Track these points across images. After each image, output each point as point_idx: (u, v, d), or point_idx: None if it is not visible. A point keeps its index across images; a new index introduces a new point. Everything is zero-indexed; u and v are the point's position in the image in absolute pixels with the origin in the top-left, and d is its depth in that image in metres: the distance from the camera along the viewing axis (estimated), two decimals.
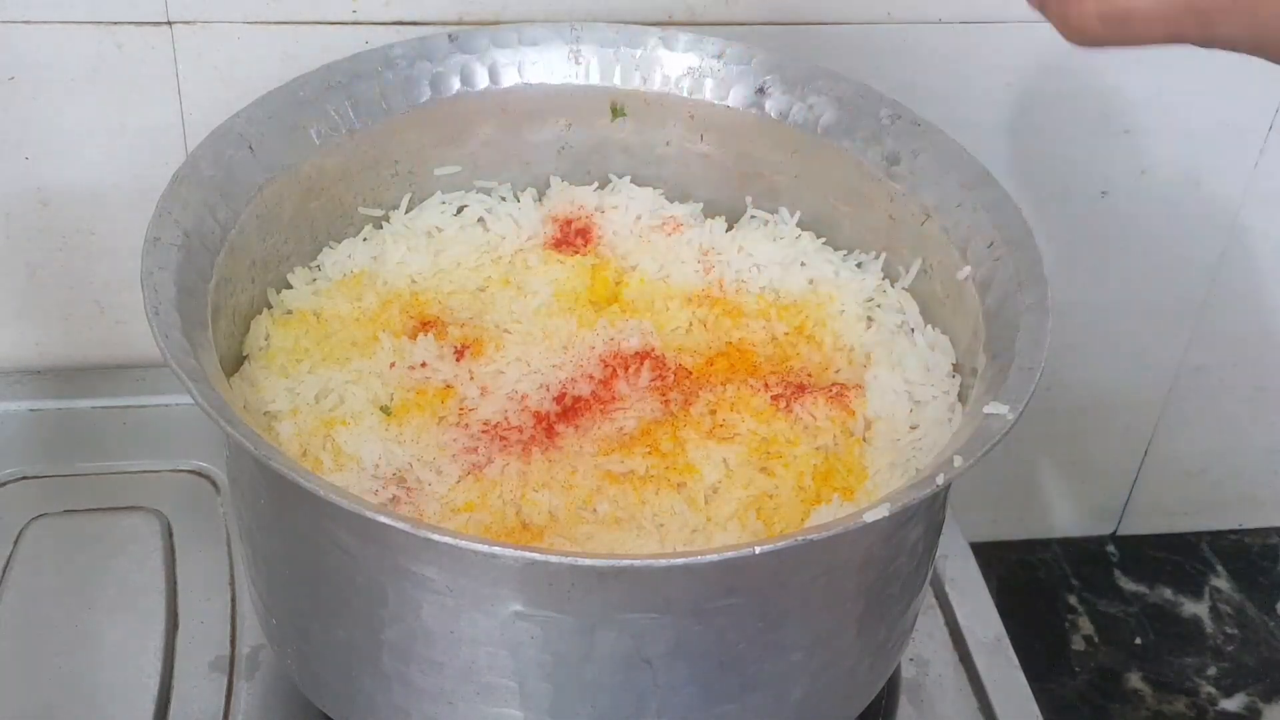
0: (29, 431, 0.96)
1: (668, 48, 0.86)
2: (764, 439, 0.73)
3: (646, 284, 0.83)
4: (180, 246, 0.69)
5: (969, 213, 0.77)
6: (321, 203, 0.82)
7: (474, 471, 0.70)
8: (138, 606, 0.83)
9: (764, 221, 0.87)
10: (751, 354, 0.79)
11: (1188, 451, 1.28)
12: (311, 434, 0.72)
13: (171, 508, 0.90)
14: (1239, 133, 1.07)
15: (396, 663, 0.66)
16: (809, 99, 0.84)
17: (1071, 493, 1.30)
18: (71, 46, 0.89)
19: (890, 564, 0.68)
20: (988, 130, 1.01)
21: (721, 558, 0.58)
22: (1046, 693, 1.16)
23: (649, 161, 0.89)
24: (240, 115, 0.77)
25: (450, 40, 0.84)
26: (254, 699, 0.79)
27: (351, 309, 0.79)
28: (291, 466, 0.59)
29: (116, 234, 0.97)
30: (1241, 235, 1.13)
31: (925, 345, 0.78)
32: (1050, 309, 0.70)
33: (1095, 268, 1.13)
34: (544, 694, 0.64)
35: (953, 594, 0.90)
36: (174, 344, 0.63)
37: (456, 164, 0.87)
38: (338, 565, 0.65)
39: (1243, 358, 1.22)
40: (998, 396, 0.66)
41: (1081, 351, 1.18)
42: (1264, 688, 1.20)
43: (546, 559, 0.58)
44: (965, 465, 0.62)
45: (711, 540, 0.68)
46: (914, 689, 0.85)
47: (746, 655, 0.65)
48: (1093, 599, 1.27)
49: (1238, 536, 1.34)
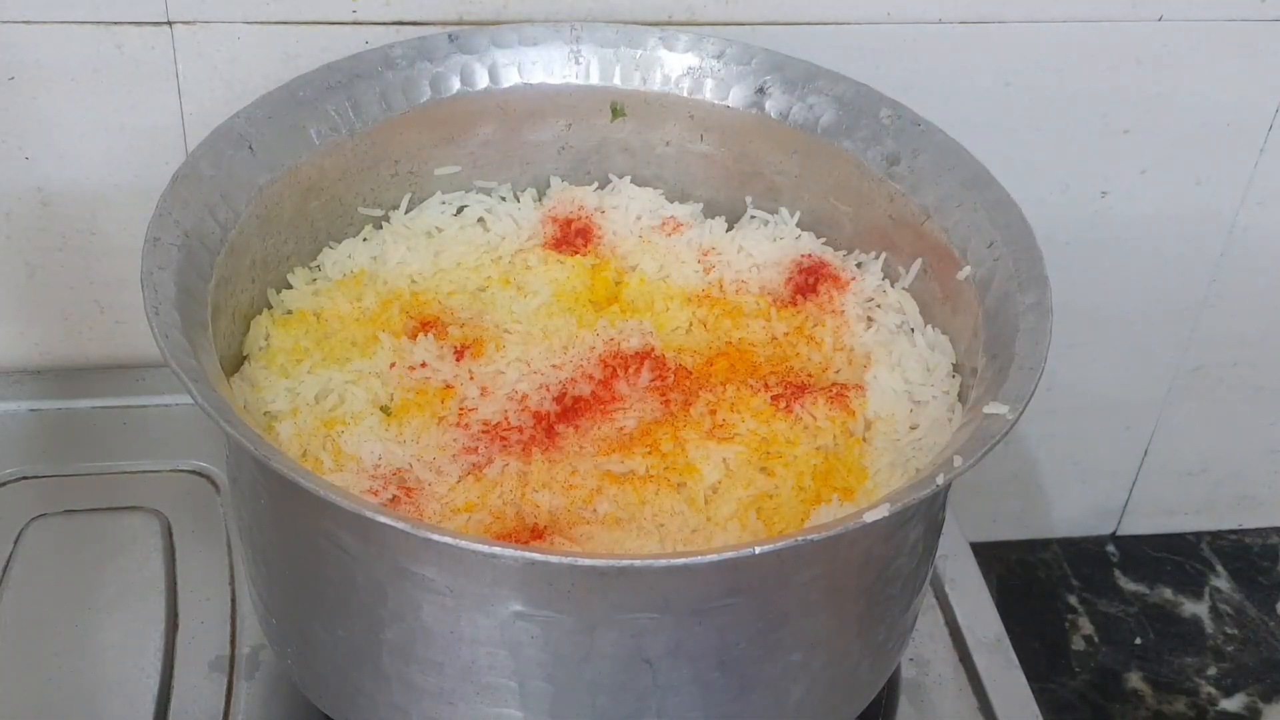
0: (29, 431, 0.96)
1: (668, 48, 0.86)
2: (764, 439, 0.73)
3: (646, 284, 0.83)
4: (180, 246, 0.70)
5: (969, 213, 0.77)
6: (321, 203, 0.82)
7: (474, 471, 0.71)
8: (138, 606, 0.83)
9: (764, 222, 0.87)
10: (751, 354, 0.79)
11: (1188, 451, 1.28)
12: (311, 434, 0.72)
13: (171, 508, 0.90)
14: (1239, 133, 1.07)
15: (396, 663, 0.66)
16: (809, 99, 0.84)
17: (1071, 492, 1.30)
18: (72, 46, 0.89)
19: (890, 564, 0.68)
20: (988, 130, 1.01)
21: (721, 558, 0.58)
22: (1046, 693, 1.17)
23: (649, 162, 0.89)
24: (240, 115, 0.77)
25: (450, 40, 0.84)
26: (254, 699, 0.79)
27: (351, 309, 0.79)
28: (291, 466, 0.59)
29: (117, 234, 0.97)
30: (1241, 235, 1.13)
31: (925, 345, 0.78)
32: (1050, 309, 0.70)
33: (1095, 268, 1.13)
34: (544, 694, 0.64)
35: (953, 594, 0.90)
36: (174, 344, 0.63)
37: (456, 164, 0.87)
38: (338, 565, 0.65)
39: (1242, 357, 1.22)
40: (997, 396, 0.66)
41: (1081, 351, 1.18)
42: (1264, 688, 1.20)
43: (546, 559, 0.58)
44: (965, 465, 0.62)
45: (711, 540, 0.68)
46: (914, 689, 0.85)
47: (746, 655, 0.65)
48: (1093, 599, 1.27)
49: (1238, 536, 1.34)
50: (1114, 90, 1.03)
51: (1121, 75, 1.02)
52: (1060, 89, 1.02)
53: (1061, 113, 1.04)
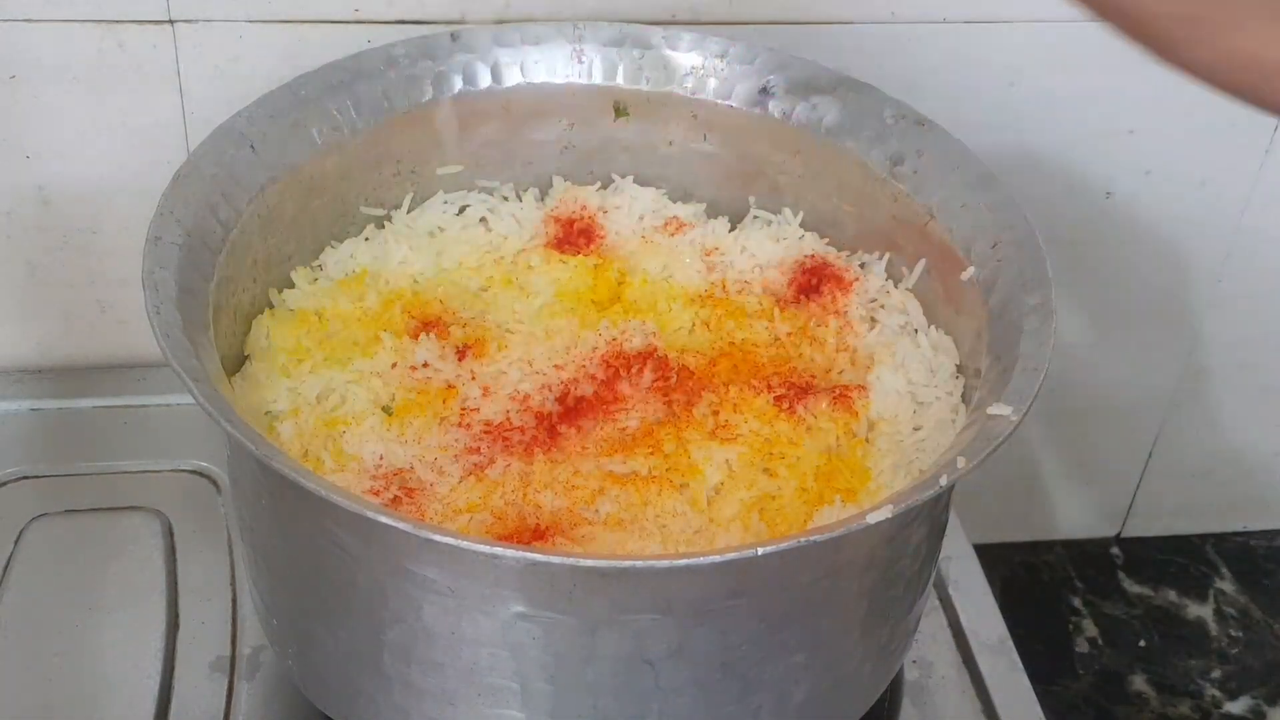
0: (30, 431, 0.96)
1: (671, 47, 0.86)
2: (767, 440, 0.73)
3: (649, 284, 0.83)
4: (181, 245, 0.69)
5: (973, 213, 0.77)
6: (323, 202, 0.82)
7: (475, 472, 0.70)
8: (138, 607, 0.83)
9: (767, 222, 0.87)
10: (754, 355, 0.79)
11: (1192, 453, 1.28)
12: (313, 434, 0.72)
13: (172, 508, 0.90)
14: (1244, 133, 1.07)
15: (398, 663, 0.65)
16: (812, 99, 0.84)
17: (1076, 494, 1.29)
18: (73, 45, 0.89)
19: (893, 565, 0.68)
20: (992, 130, 1.01)
21: (724, 559, 0.58)
22: (1050, 695, 1.16)
23: (652, 161, 0.89)
24: (242, 114, 0.77)
25: (453, 39, 0.84)
26: (255, 699, 0.79)
27: (353, 309, 0.79)
28: (293, 467, 0.59)
29: (118, 233, 0.97)
30: (1246, 236, 1.13)
31: (929, 346, 0.78)
32: (1054, 310, 0.69)
33: (1100, 269, 1.13)
34: (545, 695, 0.64)
35: (956, 595, 0.90)
36: (175, 343, 0.63)
37: (458, 163, 0.86)
38: (339, 566, 0.64)
39: (1247, 359, 1.21)
40: (1001, 398, 0.65)
41: (1086, 352, 1.18)
42: (1268, 690, 1.20)
43: (548, 560, 0.58)
44: (969, 466, 0.61)
45: (714, 541, 0.68)
46: (917, 691, 0.84)
47: (749, 657, 0.65)
48: (1097, 601, 1.27)
49: (1243, 539, 1.34)
50: (1118, 90, 1.03)
51: (1126, 75, 1.02)
52: (1064, 89, 1.02)
53: (1066, 113, 1.03)
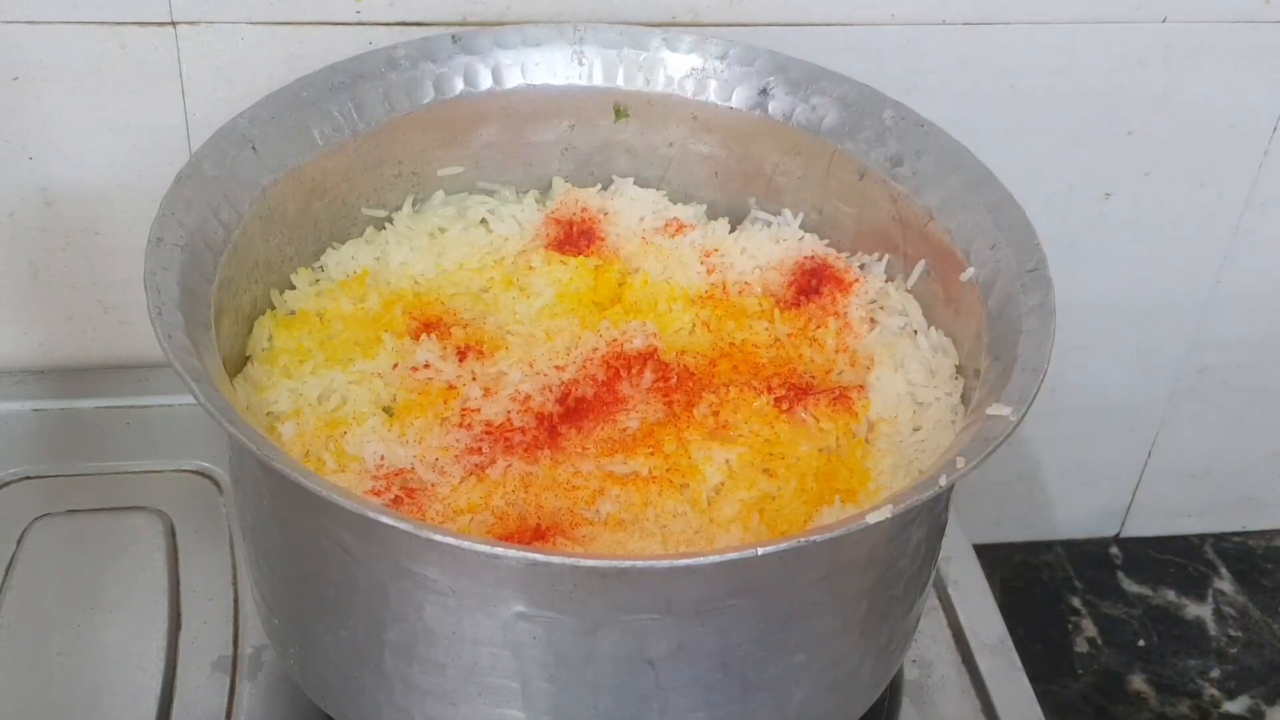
0: (32, 431, 0.96)
1: (671, 49, 0.86)
2: (767, 440, 0.73)
3: (649, 285, 0.83)
4: (183, 247, 0.70)
5: (972, 214, 0.77)
6: (325, 203, 0.82)
7: (476, 472, 0.70)
8: (140, 606, 0.83)
9: (767, 223, 0.87)
10: (754, 355, 0.79)
11: (1191, 453, 1.28)
12: (314, 435, 0.72)
13: (174, 508, 0.90)
14: (1243, 135, 1.07)
15: (399, 663, 0.66)
16: (812, 100, 0.84)
17: (1075, 494, 1.30)
18: (75, 46, 0.89)
19: (893, 565, 0.68)
20: (991, 132, 1.01)
21: (724, 559, 0.58)
22: (1049, 694, 1.16)
23: (652, 163, 0.89)
24: (244, 115, 0.77)
25: (453, 41, 0.84)
26: (256, 699, 0.79)
27: (354, 310, 0.79)
28: (294, 467, 0.59)
29: (120, 234, 0.97)
30: (1245, 237, 1.13)
31: (928, 347, 0.78)
32: (1053, 311, 0.70)
33: (1099, 269, 1.13)
34: (546, 695, 0.64)
35: (955, 595, 0.90)
36: (177, 344, 0.63)
37: (459, 165, 0.87)
38: (340, 566, 0.65)
39: (1246, 359, 1.22)
40: (1001, 398, 0.66)
41: (1085, 353, 1.18)
42: (1267, 690, 1.20)
43: (549, 560, 0.58)
44: (968, 467, 0.62)
45: (714, 541, 0.68)
46: (917, 691, 0.84)
47: (749, 657, 0.65)
48: (1096, 601, 1.27)
49: (1241, 539, 1.34)
50: (1117, 92, 1.03)
51: (1125, 77, 1.02)
52: (1064, 90, 1.02)
53: (1065, 114, 1.04)
